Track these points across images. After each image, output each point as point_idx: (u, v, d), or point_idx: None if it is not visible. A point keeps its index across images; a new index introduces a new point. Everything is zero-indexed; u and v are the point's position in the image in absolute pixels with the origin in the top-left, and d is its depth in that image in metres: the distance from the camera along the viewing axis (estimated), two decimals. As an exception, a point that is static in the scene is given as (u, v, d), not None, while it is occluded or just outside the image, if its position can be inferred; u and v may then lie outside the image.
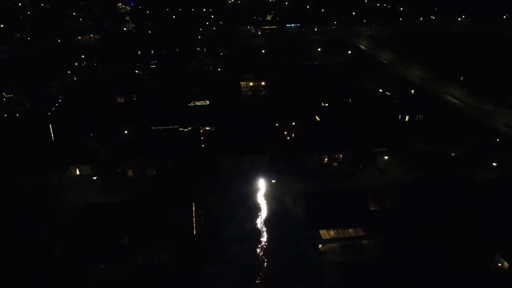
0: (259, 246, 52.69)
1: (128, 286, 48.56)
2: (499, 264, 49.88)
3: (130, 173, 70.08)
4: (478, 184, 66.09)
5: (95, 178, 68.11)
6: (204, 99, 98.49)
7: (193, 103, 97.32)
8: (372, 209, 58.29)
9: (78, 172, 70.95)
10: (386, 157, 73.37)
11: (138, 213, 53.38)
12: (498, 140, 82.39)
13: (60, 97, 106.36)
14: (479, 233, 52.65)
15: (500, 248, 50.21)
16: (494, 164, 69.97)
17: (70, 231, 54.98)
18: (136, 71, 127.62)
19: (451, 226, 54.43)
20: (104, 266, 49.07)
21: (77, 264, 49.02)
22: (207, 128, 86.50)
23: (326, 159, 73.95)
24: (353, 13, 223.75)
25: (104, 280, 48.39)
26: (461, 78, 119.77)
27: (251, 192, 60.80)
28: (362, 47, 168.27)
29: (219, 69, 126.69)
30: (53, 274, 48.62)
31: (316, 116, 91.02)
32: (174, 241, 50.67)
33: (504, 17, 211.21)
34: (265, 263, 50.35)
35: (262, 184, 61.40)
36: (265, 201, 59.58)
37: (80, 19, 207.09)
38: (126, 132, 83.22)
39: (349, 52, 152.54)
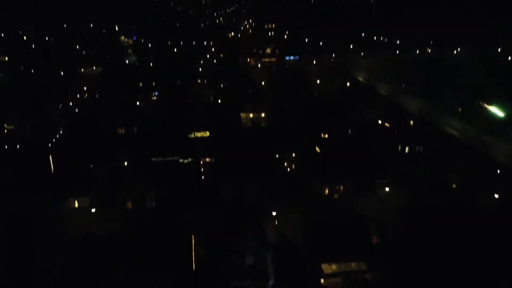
0: (261, 281, 51.44)
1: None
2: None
3: (129, 204, 69.44)
4: (479, 212, 65.29)
5: (93, 210, 67.37)
6: (204, 130, 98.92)
7: (193, 134, 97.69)
8: (375, 242, 57.35)
9: (76, 205, 70.27)
10: (387, 188, 72.94)
11: (135, 246, 52.46)
12: (499, 171, 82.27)
13: (61, 128, 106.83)
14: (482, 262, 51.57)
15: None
16: (495, 194, 69.57)
17: (66, 261, 53.83)
18: (137, 102, 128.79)
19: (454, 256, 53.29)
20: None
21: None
22: (207, 159, 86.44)
23: (327, 190, 73.51)
24: (351, 46, 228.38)
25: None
26: (459, 109, 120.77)
27: (252, 224, 59.94)
28: (360, 78, 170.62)
29: (219, 101, 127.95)
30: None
31: (317, 147, 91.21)
32: (172, 277, 49.54)
33: (499, 49, 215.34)
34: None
35: (263, 215, 60.70)
36: (266, 233, 58.67)
37: (84, 52, 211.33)
38: (126, 163, 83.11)
39: (348, 83, 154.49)
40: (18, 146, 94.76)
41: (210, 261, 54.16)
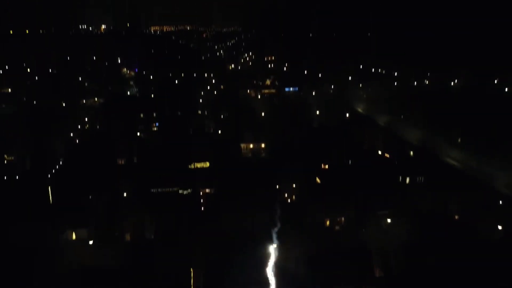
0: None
1: None
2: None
3: (127, 236, 68.54)
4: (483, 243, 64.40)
5: (91, 242, 66.45)
6: (204, 161, 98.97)
7: (193, 165, 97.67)
8: (378, 275, 56.24)
9: (74, 236, 69.34)
10: (389, 220, 72.16)
11: (133, 279, 51.43)
12: (501, 202, 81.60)
13: (61, 158, 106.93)
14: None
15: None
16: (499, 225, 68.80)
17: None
18: (138, 133, 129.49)
19: None
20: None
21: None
22: (206, 190, 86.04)
23: (329, 221, 72.72)
24: (350, 77, 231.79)
25: None
26: (459, 140, 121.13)
27: (253, 257, 59.06)
28: (359, 109, 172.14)
29: (219, 131, 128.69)
30: None
31: (317, 178, 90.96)
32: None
33: (496, 81, 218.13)
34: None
35: (263, 248, 59.84)
36: (267, 266, 57.66)
37: (86, 83, 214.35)
38: (125, 193, 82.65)
39: (347, 114, 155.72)
40: (17, 177, 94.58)
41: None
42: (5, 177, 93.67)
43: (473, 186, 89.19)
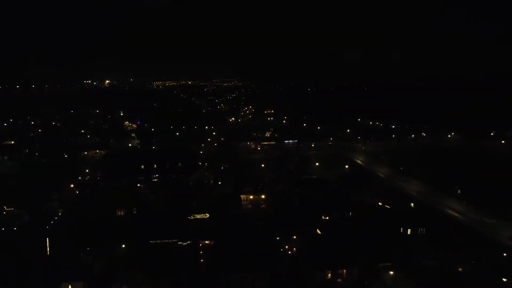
0: None
1: None
2: None
3: (124, 291, 66.88)
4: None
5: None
6: (204, 212, 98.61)
7: (193, 216, 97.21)
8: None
9: (70, 290, 67.69)
10: (391, 272, 70.75)
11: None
12: (505, 254, 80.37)
13: (60, 210, 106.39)
14: None
15: None
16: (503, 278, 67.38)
17: None
18: (138, 185, 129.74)
19: None
20: None
21: None
22: (206, 242, 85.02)
23: (330, 275, 71.20)
24: (348, 130, 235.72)
25: None
26: (458, 192, 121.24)
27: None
28: (359, 161, 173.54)
29: (219, 182, 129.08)
30: None
31: (318, 230, 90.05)
32: None
33: (492, 134, 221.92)
34: None
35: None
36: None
37: (88, 136, 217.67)
38: (123, 246, 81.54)
39: (346, 166, 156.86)
40: (15, 229, 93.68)
41: None
42: (3, 228, 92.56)
43: (475, 238, 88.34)
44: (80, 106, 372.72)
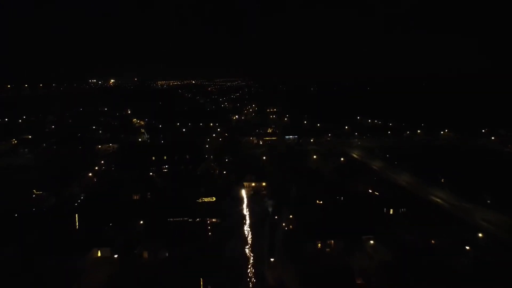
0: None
1: None
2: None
3: (145, 254, 78.91)
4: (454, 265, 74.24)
5: (116, 256, 76.90)
6: (211, 196, 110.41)
7: (201, 199, 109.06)
8: (359, 282, 66.15)
9: (99, 254, 79.75)
10: (372, 242, 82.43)
11: None
12: (480, 234, 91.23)
13: (82, 195, 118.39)
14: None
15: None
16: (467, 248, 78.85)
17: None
18: (150, 173, 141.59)
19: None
20: None
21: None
22: (213, 220, 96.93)
23: (320, 245, 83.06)
24: (346, 127, 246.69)
25: None
26: (442, 181, 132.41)
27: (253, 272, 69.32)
28: (355, 155, 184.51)
29: (224, 172, 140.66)
30: None
31: (312, 211, 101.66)
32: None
33: (483, 131, 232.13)
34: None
35: (262, 264, 70.21)
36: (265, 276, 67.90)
37: (100, 131, 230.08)
38: (142, 222, 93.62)
39: (342, 159, 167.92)
40: (44, 209, 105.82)
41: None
42: (34, 209, 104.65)
43: (451, 219, 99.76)
44: (88, 104, 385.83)
